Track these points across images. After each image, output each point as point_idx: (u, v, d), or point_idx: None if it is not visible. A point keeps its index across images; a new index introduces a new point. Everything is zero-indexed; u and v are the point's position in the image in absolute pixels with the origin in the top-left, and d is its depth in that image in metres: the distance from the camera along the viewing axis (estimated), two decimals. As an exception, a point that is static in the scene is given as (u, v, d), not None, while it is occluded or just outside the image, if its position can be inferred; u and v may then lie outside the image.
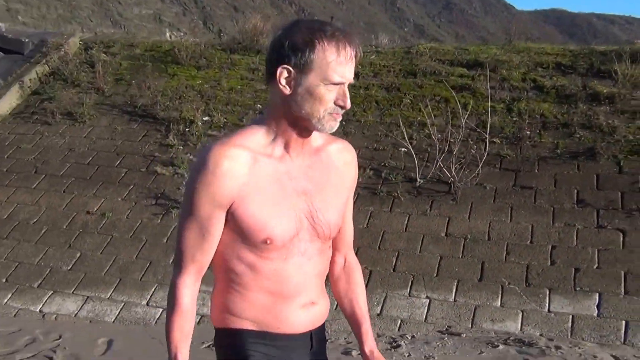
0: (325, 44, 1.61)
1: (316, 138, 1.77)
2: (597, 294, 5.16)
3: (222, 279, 1.78)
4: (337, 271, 1.96)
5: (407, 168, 6.53)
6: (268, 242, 1.69)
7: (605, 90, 6.83)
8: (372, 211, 6.24)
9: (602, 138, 6.37)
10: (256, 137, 1.70)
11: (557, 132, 6.67)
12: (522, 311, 5.21)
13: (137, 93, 8.29)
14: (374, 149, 6.95)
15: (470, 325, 5.20)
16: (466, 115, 6.66)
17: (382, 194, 6.38)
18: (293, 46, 1.60)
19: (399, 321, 5.30)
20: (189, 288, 1.71)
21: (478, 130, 6.67)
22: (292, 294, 1.77)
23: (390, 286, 5.56)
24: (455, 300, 5.36)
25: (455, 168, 6.17)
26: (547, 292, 5.28)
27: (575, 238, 5.62)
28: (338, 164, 1.82)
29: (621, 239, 5.50)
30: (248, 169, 1.65)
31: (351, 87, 1.69)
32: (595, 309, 5.08)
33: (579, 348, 4.74)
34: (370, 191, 6.45)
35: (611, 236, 5.54)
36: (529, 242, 5.70)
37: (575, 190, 6.01)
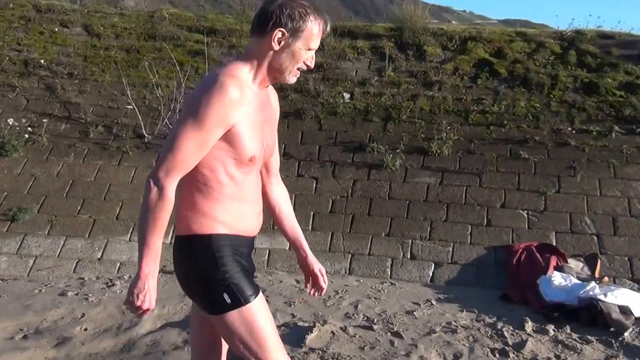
0: (314, 20, 2.09)
1: None
2: (290, 231, 6.15)
3: (203, 190, 2.07)
4: (274, 191, 2.49)
5: (137, 125, 6.99)
6: (251, 159, 2.10)
7: (316, 59, 7.85)
8: (101, 165, 6.64)
9: (309, 101, 7.40)
10: (244, 74, 2.10)
11: (274, 95, 7.56)
12: (229, 248, 6.02)
13: None
14: (108, 107, 7.31)
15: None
16: (194, 78, 7.27)
17: (112, 149, 6.79)
18: (291, 16, 2.04)
19: (118, 264, 5.82)
20: (174, 189, 1.98)
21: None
22: (252, 203, 2.20)
23: (111, 232, 6.04)
24: (171, 243, 5.98)
25: (179, 125, 6.76)
26: (251, 232, 6.15)
27: (278, 185, 6.56)
28: (273, 102, 2.37)
29: (314, 185, 6.56)
30: (244, 99, 2.02)
31: (92, 47, 2.15)
32: (288, 244, 6.04)
33: (271, 276, 5.69)
34: (101, 146, 6.83)
35: (306, 183, 6.58)
36: (240, 190, 6.53)
37: (283, 145, 6.96)
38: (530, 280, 5.17)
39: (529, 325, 4.52)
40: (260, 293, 2.18)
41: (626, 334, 4.38)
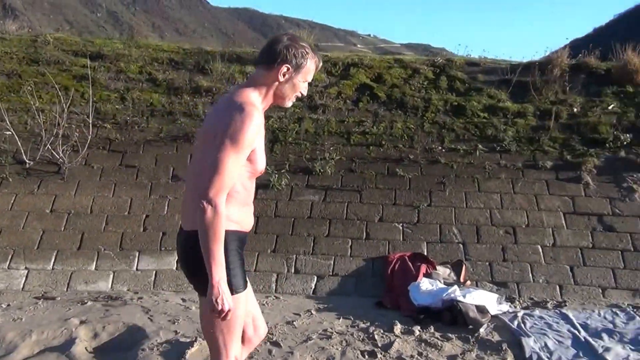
0: (312, 58, 2.63)
1: None
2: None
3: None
4: None
5: (17, 151, 6.89)
6: (260, 172, 2.65)
7: (205, 84, 8.09)
8: (-20, 193, 6.49)
9: (199, 125, 7.54)
10: (256, 100, 2.57)
11: (163, 119, 7.70)
12: (114, 272, 6.06)
13: None
14: (-14, 134, 7.16)
15: (65, 289, 5.85)
16: (79, 103, 7.27)
17: (-9, 176, 6.66)
18: (295, 55, 2.56)
19: (-3, 291, 5.71)
20: (224, 205, 2.41)
21: (91, 115, 7.32)
22: (252, 205, 2.73)
23: (-9, 260, 5.92)
24: (53, 269, 5.96)
25: (64, 150, 6.75)
26: (137, 254, 6.22)
27: (166, 207, 6.68)
28: None
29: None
30: (261, 123, 2.49)
31: None
32: (175, 263, 6.18)
33: (157, 296, 5.77)
34: (-22, 174, 6.68)
35: (194, 204, 6.72)
36: (126, 212, 6.59)
37: (172, 168, 7.09)
38: (403, 287, 5.58)
39: (398, 328, 4.92)
40: (249, 285, 2.70)
41: (481, 330, 4.86)
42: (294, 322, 5.05)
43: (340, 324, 5.06)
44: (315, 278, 5.99)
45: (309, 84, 2.77)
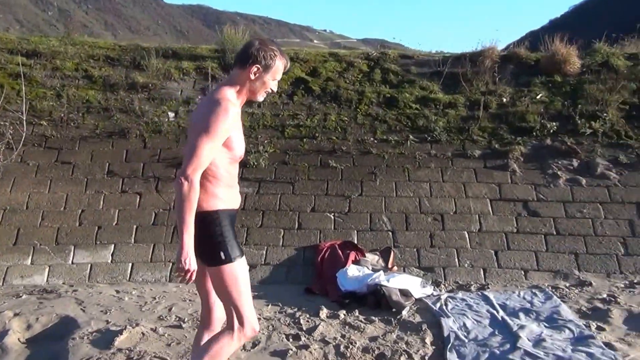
0: (280, 59, 3.04)
1: None
2: (113, 245, 6.33)
3: (211, 180, 2.92)
4: None
5: (-51, 149, 6.84)
6: (240, 157, 3.07)
7: (141, 80, 8.12)
8: None
9: (134, 120, 7.62)
10: (232, 96, 2.96)
11: (99, 115, 7.71)
12: (49, 266, 6.09)
13: None
14: None
15: (1, 284, 5.88)
16: (15, 101, 7.23)
17: None
18: (265, 56, 2.97)
19: None
20: (199, 181, 2.81)
21: (25, 113, 7.29)
22: (236, 187, 3.13)
23: None
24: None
25: (-2, 148, 6.73)
26: (73, 248, 6.26)
27: (102, 202, 6.71)
28: None
29: (138, 200, 6.78)
30: (234, 115, 2.87)
31: None
32: (110, 257, 6.23)
33: (92, 288, 5.82)
34: None
35: (130, 198, 6.78)
36: (62, 208, 6.61)
37: (107, 163, 7.12)
38: (331, 274, 5.75)
39: (324, 312, 5.08)
40: (244, 256, 3.07)
41: (404, 312, 5.05)
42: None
43: (269, 310, 5.21)
44: (248, 267, 6.10)
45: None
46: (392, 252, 6.14)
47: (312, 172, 7.05)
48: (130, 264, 6.18)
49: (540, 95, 7.96)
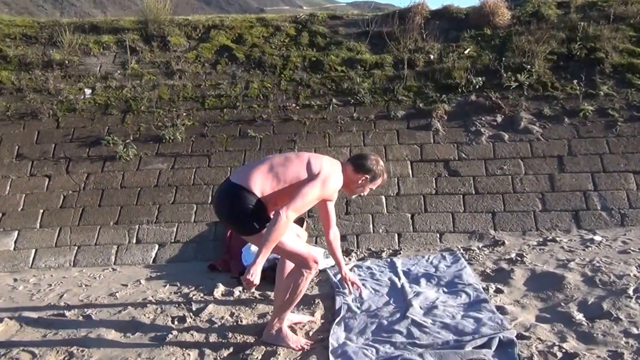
0: (382, 175, 3.90)
1: None
2: (17, 231, 6.13)
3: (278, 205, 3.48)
4: (331, 231, 4.22)
5: None
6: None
7: (58, 57, 7.81)
8: None
9: (48, 100, 7.34)
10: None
11: (11, 97, 7.43)
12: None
13: None
14: None
15: None
16: None
17: None
18: (373, 173, 3.81)
19: None
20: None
21: None
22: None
23: None
24: None
25: None
26: (-25, 237, 6.06)
27: (8, 187, 6.49)
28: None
29: (46, 182, 6.56)
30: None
31: None
32: (13, 244, 6.03)
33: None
34: None
35: (38, 182, 6.55)
36: (-34, 195, 6.39)
37: (17, 147, 6.88)
38: (239, 249, 5.55)
39: (220, 290, 4.90)
40: None
41: (302, 285, 4.87)
42: (117, 294, 5.00)
43: (165, 291, 5.03)
44: (157, 247, 5.93)
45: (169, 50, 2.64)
46: (305, 222, 5.94)
47: (230, 143, 6.81)
48: (33, 250, 5.97)
49: (468, 50, 7.65)
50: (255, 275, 3.32)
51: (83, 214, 6.23)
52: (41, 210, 6.28)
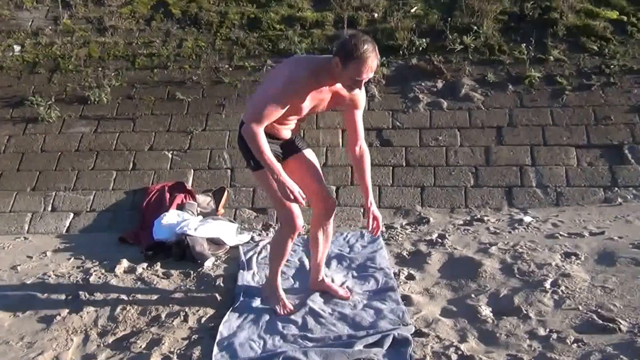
0: (359, 58, 3.00)
1: None
2: None
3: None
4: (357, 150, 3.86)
5: None
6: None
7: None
8: None
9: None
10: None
11: None
12: None
13: None
14: None
15: None
16: None
17: None
18: (344, 52, 3.03)
19: None
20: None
21: None
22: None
23: None
24: None
25: None
26: None
27: None
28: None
29: (-36, 146, 6.33)
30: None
31: None
32: None
33: None
34: None
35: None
36: None
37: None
38: (151, 221, 5.37)
39: (122, 267, 4.71)
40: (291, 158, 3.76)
41: (207, 263, 4.67)
42: (19, 267, 4.84)
43: (68, 265, 4.86)
44: (72, 215, 5.75)
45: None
46: (226, 193, 5.75)
47: (157, 106, 6.55)
48: (-51, 217, 5.81)
49: (414, 9, 7.28)
50: (292, 185, 3.27)
51: (1, 178, 6.03)
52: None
